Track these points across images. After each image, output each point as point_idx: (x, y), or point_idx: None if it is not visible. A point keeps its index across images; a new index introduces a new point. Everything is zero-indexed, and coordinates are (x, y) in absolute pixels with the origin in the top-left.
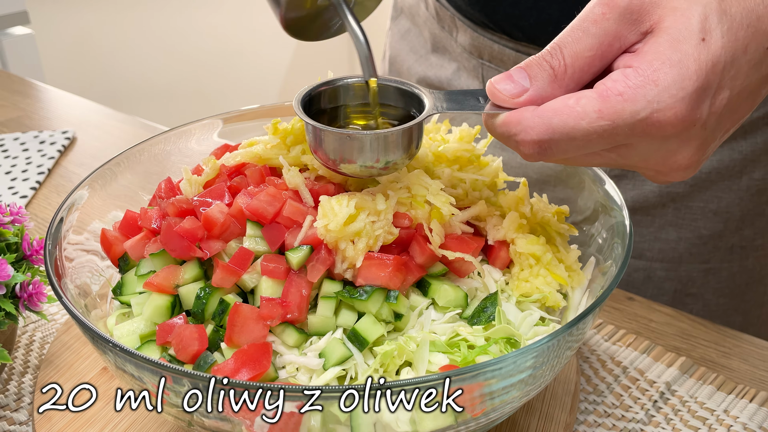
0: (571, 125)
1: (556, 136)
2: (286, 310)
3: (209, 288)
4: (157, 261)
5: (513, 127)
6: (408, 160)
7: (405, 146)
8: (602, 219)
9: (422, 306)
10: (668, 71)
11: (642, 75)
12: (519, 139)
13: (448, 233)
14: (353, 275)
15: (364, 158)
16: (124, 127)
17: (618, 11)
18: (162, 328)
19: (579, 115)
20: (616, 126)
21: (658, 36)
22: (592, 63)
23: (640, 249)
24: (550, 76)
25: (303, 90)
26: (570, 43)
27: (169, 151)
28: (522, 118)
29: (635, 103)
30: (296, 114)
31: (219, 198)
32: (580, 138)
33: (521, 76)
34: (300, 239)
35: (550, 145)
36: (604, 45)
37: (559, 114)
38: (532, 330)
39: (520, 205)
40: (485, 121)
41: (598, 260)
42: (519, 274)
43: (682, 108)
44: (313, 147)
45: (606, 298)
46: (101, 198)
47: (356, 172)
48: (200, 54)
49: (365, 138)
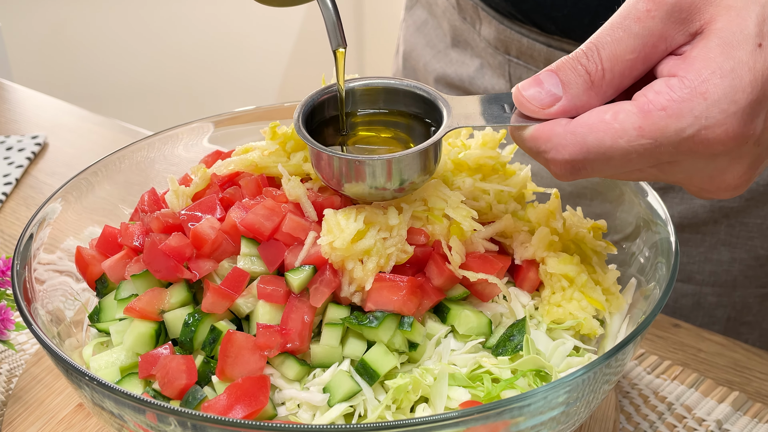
0: (608, 144)
1: (591, 156)
2: (285, 338)
3: (199, 314)
4: (140, 283)
5: (542, 144)
6: (427, 177)
7: (421, 167)
8: (644, 235)
9: (440, 334)
10: (719, 82)
11: (689, 86)
12: (549, 157)
13: (470, 252)
14: (362, 299)
15: (375, 182)
16: (103, 131)
17: (665, 8)
18: (145, 360)
19: (617, 133)
20: (659, 145)
21: (709, 39)
22: (634, 67)
23: (689, 271)
24: (586, 82)
25: (304, 100)
26: (609, 43)
27: (153, 159)
28: (553, 134)
29: (681, 120)
30: (297, 132)
31: (210, 212)
32: (618, 158)
33: (552, 82)
34: (302, 258)
35: (584, 165)
36: (648, 46)
37: (595, 131)
38: (565, 361)
39: (552, 220)
40: (511, 132)
41: (639, 282)
42: (550, 297)
43: (733, 124)
44: (315, 166)
45: (649, 324)
46: (76, 212)
47: (365, 196)
48: (188, 48)
49: (375, 163)
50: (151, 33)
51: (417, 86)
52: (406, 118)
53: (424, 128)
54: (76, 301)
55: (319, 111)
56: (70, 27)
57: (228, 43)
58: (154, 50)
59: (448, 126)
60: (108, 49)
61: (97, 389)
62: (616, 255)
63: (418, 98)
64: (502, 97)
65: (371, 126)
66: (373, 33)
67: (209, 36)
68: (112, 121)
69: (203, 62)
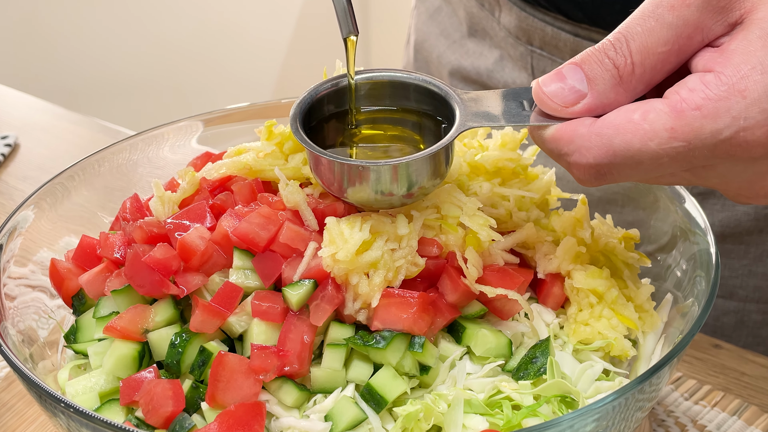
0: (637, 147)
1: (618, 160)
2: (283, 361)
3: (186, 333)
4: (121, 299)
5: (565, 146)
6: (438, 181)
7: (432, 171)
8: (681, 246)
9: (455, 356)
10: (759, 79)
11: (726, 83)
12: (572, 160)
13: (488, 264)
14: (368, 317)
15: (380, 188)
16: (80, 131)
17: None
18: (127, 384)
19: (647, 135)
20: (693, 148)
21: (750, 30)
22: (667, 60)
23: (731, 286)
24: (614, 77)
25: (302, 96)
26: (639, 34)
27: (135, 161)
28: (576, 134)
29: (717, 120)
30: (293, 133)
31: (199, 220)
32: (647, 162)
33: (577, 78)
34: (301, 272)
35: (610, 170)
36: (683, 38)
37: (622, 133)
38: (594, 386)
39: (578, 229)
40: (531, 132)
41: (676, 298)
42: (577, 315)
43: None
44: (314, 170)
45: (686, 345)
46: (50, 220)
47: (370, 203)
48: (175, 38)
49: (381, 169)
50: (134, 21)
51: (427, 80)
52: (416, 115)
53: (435, 126)
54: (51, 319)
55: (319, 108)
56: (43, 14)
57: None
58: (136, 40)
59: (461, 126)
60: (85, 39)
61: (73, 417)
62: (650, 268)
63: (429, 93)
64: (521, 93)
65: (376, 124)
66: (381, 21)
67: (198, 24)
68: (91, 119)
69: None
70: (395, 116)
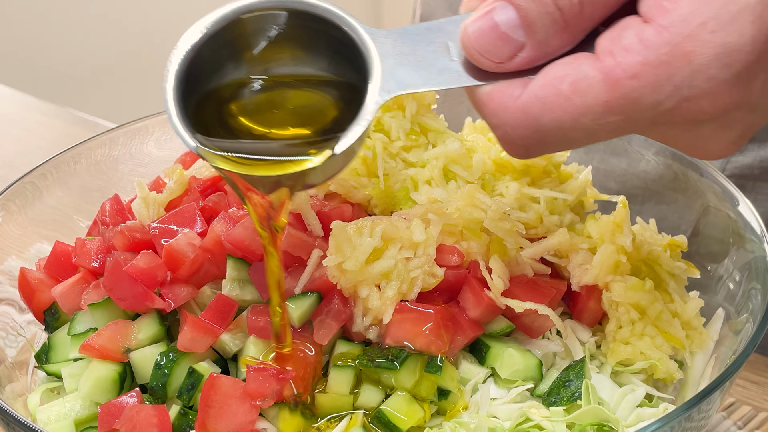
0: (569, 125)
1: (548, 139)
2: (283, 384)
3: (174, 353)
4: (100, 314)
5: (490, 118)
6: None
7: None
8: (734, 254)
9: (478, 378)
10: (709, 39)
11: (669, 42)
12: (498, 135)
13: (515, 275)
14: (379, 335)
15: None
16: (53, 123)
17: None
18: (106, 411)
19: (578, 111)
20: (631, 120)
21: None
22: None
23: None
24: (557, 22)
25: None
26: None
27: (116, 158)
28: (500, 108)
29: (657, 90)
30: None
31: (188, 225)
32: (581, 138)
33: (512, 25)
34: (303, 283)
35: (541, 148)
36: None
37: (551, 110)
38: (635, 413)
39: (618, 235)
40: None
41: (728, 314)
42: (616, 333)
43: (723, 93)
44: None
45: (740, 367)
46: (19, 224)
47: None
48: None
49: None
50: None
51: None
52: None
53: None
54: (20, 336)
55: (210, 61)
56: None
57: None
58: (117, 19)
59: (376, 102)
60: (59, 18)
61: None
62: (698, 279)
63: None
64: (446, 29)
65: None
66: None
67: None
68: (65, 110)
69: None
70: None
